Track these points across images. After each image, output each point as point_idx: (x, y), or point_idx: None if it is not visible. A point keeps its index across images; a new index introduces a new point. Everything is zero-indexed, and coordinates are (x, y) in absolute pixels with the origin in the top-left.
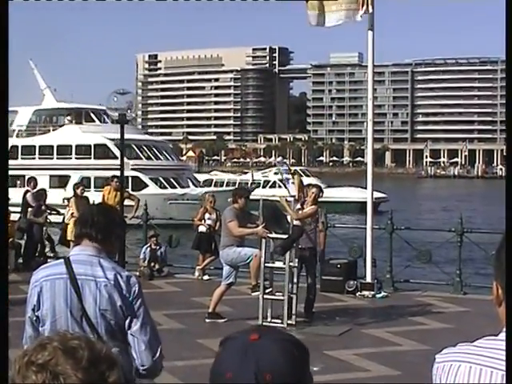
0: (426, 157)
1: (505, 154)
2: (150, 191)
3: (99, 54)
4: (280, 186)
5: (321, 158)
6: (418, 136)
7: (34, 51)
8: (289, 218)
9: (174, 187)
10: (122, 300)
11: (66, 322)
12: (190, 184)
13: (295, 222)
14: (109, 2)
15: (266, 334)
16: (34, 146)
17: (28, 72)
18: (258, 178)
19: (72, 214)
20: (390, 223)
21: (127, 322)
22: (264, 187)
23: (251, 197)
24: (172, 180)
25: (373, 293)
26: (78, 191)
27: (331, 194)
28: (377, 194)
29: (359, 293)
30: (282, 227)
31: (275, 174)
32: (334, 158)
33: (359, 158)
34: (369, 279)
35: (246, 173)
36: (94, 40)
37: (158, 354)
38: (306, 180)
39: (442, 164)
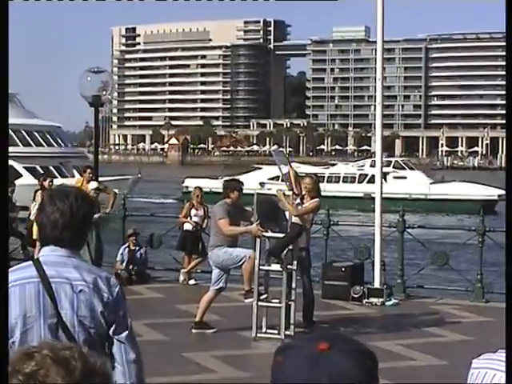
0: (442, 145)
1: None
2: (23, 181)
3: (67, 26)
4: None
5: (321, 147)
6: (433, 122)
7: None
8: (287, 214)
9: (54, 177)
10: (104, 305)
11: (39, 332)
12: (76, 173)
13: (294, 219)
14: None
15: (336, 344)
16: None
17: None
18: (351, 172)
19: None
20: (402, 221)
21: (112, 328)
22: (360, 182)
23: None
24: (52, 169)
25: (382, 300)
26: (46, 184)
27: (442, 190)
28: (497, 191)
29: (366, 300)
30: (279, 225)
31: (372, 166)
32: (337, 147)
33: (365, 147)
34: (377, 284)
35: (333, 165)
36: (61, 10)
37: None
38: (409, 174)
39: (460, 154)
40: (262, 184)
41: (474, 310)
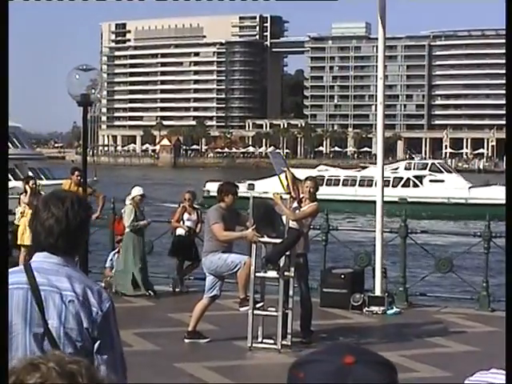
0: (446, 147)
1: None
2: None
3: (55, 22)
4: (416, 185)
5: (320, 149)
6: (436, 122)
7: None
8: (284, 218)
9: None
10: (92, 320)
11: (24, 341)
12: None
13: (291, 224)
14: None
15: (361, 356)
16: None
17: None
18: (384, 175)
19: (22, 213)
20: (404, 225)
21: (96, 346)
22: (395, 186)
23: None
24: None
25: (383, 308)
26: (29, 186)
27: (483, 194)
28: None
29: (367, 308)
30: (275, 230)
31: (406, 169)
32: (336, 149)
33: (366, 149)
34: (378, 292)
35: (364, 167)
36: (48, 5)
37: None
38: (447, 177)
39: (465, 156)
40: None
41: (479, 320)
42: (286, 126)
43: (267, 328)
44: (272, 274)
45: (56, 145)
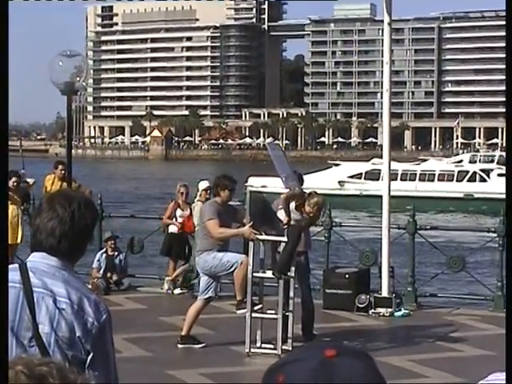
0: (457, 137)
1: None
2: None
3: (37, 4)
4: (483, 179)
5: (322, 139)
6: (447, 110)
7: None
8: (279, 215)
9: None
10: (86, 331)
11: (10, 344)
12: None
13: (292, 222)
14: None
15: (340, 348)
16: None
17: None
18: (447, 169)
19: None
20: (413, 221)
21: (88, 359)
22: (459, 180)
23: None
24: None
25: (390, 310)
26: (10, 183)
27: None
28: None
29: (373, 310)
30: (274, 227)
31: (471, 162)
32: (339, 139)
33: (371, 139)
34: (385, 293)
35: (424, 160)
36: None
37: None
38: None
39: (478, 146)
40: (341, 183)
41: (494, 322)
42: (285, 115)
43: (266, 332)
44: (271, 274)
45: (39, 137)
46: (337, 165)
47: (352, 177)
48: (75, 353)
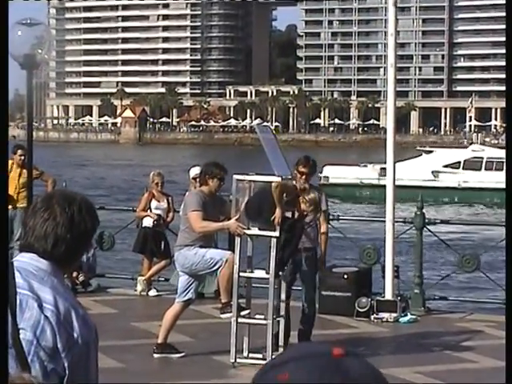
0: (470, 119)
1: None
2: None
3: None
4: None
5: (317, 121)
6: (458, 89)
7: None
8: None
9: None
10: (69, 346)
11: None
12: None
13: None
14: None
15: (346, 348)
16: None
17: None
18: (497, 156)
19: None
20: (420, 214)
21: (66, 378)
22: None
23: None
24: None
25: (395, 315)
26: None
27: None
28: None
29: (375, 315)
30: (265, 220)
31: None
32: (337, 121)
33: (372, 121)
34: (389, 296)
35: (470, 144)
36: None
37: None
38: None
39: (494, 129)
40: (434, 173)
41: None
42: (274, 93)
43: (254, 339)
44: (260, 273)
45: None
46: (429, 152)
47: (448, 166)
48: (55, 366)
